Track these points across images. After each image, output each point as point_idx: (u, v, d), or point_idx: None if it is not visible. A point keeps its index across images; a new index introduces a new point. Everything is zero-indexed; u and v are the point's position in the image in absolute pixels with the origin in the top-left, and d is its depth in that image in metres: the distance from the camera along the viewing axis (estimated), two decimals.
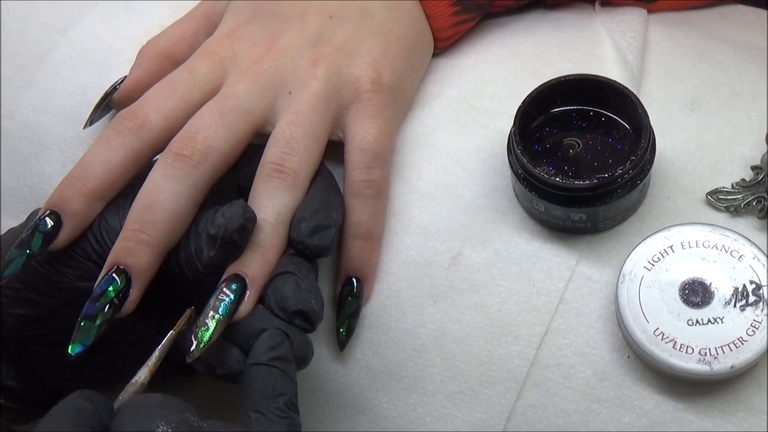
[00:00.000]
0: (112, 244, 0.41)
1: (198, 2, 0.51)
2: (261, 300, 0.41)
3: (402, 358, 0.45)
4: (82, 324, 0.40)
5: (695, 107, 0.48)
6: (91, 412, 0.35)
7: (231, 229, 0.40)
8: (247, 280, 0.41)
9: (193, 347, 0.39)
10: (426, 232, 0.46)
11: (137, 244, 0.40)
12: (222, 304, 0.40)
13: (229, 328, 0.40)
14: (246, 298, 0.40)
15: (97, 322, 0.40)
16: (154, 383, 0.48)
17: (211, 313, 0.40)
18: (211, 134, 0.43)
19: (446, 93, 0.50)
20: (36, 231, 0.41)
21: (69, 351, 0.40)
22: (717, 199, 0.45)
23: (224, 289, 0.40)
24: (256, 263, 0.41)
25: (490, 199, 0.46)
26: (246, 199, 0.43)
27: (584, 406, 0.43)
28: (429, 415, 0.45)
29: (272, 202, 0.42)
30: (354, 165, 0.45)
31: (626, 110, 0.44)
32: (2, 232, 0.47)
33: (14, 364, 0.44)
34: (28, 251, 0.41)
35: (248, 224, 0.41)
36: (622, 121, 0.45)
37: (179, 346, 0.41)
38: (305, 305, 0.40)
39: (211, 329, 0.39)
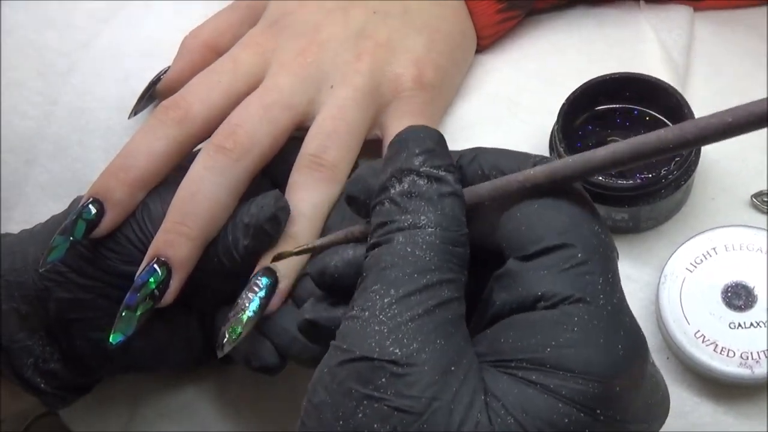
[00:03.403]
0: (155, 230, 0.42)
1: None
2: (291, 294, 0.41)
3: None
4: (123, 314, 0.40)
5: None
6: None
7: (263, 218, 0.40)
8: (278, 274, 0.41)
9: (225, 341, 0.40)
10: None
11: (178, 236, 0.41)
12: (254, 299, 0.40)
13: (262, 321, 0.40)
14: (277, 292, 0.40)
15: (138, 313, 0.40)
16: (193, 369, 0.49)
17: (242, 307, 0.40)
18: (254, 128, 0.43)
19: (486, 88, 0.49)
20: (79, 218, 0.42)
21: (110, 340, 0.40)
22: (761, 201, 0.44)
23: (256, 283, 0.40)
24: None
25: None
26: (283, 191, 0.43)
27: None
28: None
29: (309, 195, 0.42)
30: None
31: (672, 110, 0.44)
32: (2, 230, 0.48)
33: (58, 348, 0.45)
34: (71, 238, 0.41)
35: (280, 214, 0.41)
36: (666, 121, 0.44)
37: (214, 337, 0.42)
38: None
39: (242, 324, 0.40)
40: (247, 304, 0.40)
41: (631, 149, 0.30)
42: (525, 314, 0.31)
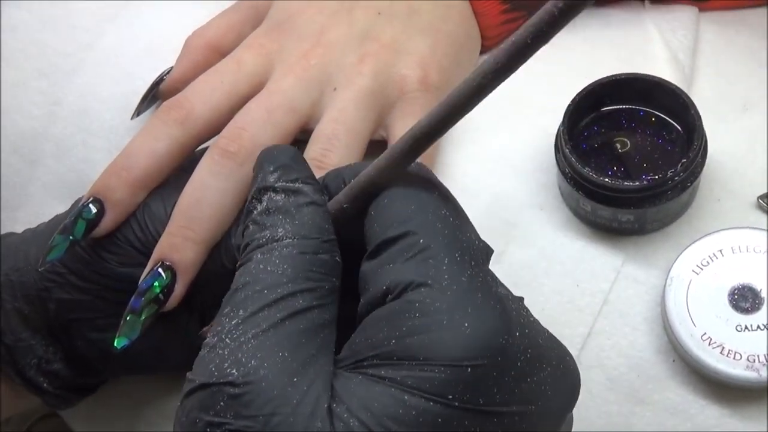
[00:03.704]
0: (155, 230, 0.42)
1: None
2: None
3: None
4: (128, 318, 0.40)
5: (747, 108, 0.47)
6: None
7: None
8: None
9: None
10: None
11: (183, 240, 0.41)
12: None
13: None
14: None
15: (143, 317, 0.40)
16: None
17: None
18: (258, 131, 0.43)
19: None
20: (79, 218, 0.42)
21: (115, 344, 0.40)
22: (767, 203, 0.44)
23: None
24: None
25: (536, 197, 0.46)
26: None
27: (627, 409, 0.42)
28: None
29: None
30: None
31: (678, 111, 0.44)
32: (2, 230, 0.48)
33: (61, 348, 0.45)
34: (71, 237, 0.41)
35: None
36: (672, 122, 0.44)
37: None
38: None
39: None
40: None
41: (445, 104, 0.30)
42: (376, 311, 0.31)
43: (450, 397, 0.28)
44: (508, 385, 0.29)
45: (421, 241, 0.31)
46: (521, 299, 0.34)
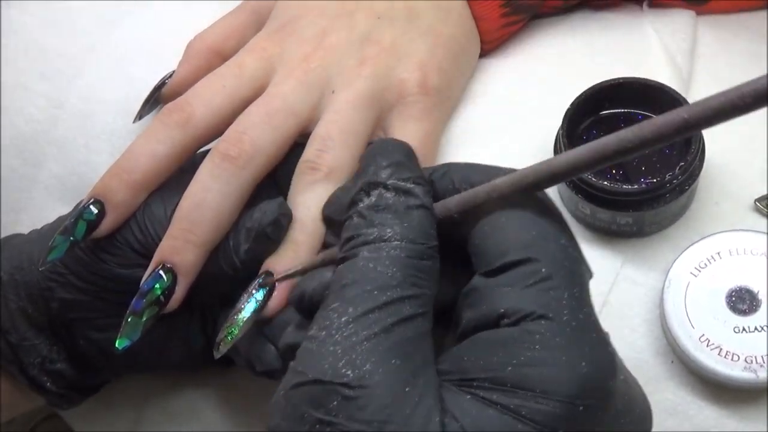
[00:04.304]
0: (155, 232, 0.42)
1: None
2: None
3: None
4: (129, 320, 0.41)
5: None
6: None
7: (265, 223, 0.41)
8: (276, 276, 0.41)
9: (221, 342, 0.40)
10: None
11: (184, 243, 0.41)
12: (250, 301, 0.40)
13: (264, 325, 0.40)
14: (274, 295, 0.40)
15: (144, 318, 0.41)
16: (197, 371, 0.49)
17: (239, 309, 0.40)
18: (259, 135, 0.43)
19: (492, 91, 0.50)
20: (80, 219, 0.42)
21: (117, 345, 0.41)
22: (765, 206, 0.44)
23: (255, 286, 0.41)
24: (288, 259, 0.41)
25: None
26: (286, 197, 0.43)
27: None
28: None
29: (304, 198, 0.42)
30: None
31: None
32: (5, 232, 0.48)
33: (64, 347, 0.45)
34: (71, 238, 0.42)
35: (282, 219, 0.41)
36: None
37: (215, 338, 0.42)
38: None
39: (238, 326, 0.40)
40: (243, 306, 0.40)
41: (591, 152, 0.30)
42: (488, 332, 0.30)
43: (560, 431, 0.29)
44: (609, 426, 0.30)
45: (543, 270, 0.30)
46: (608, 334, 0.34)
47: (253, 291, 0.40)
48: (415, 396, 0.29)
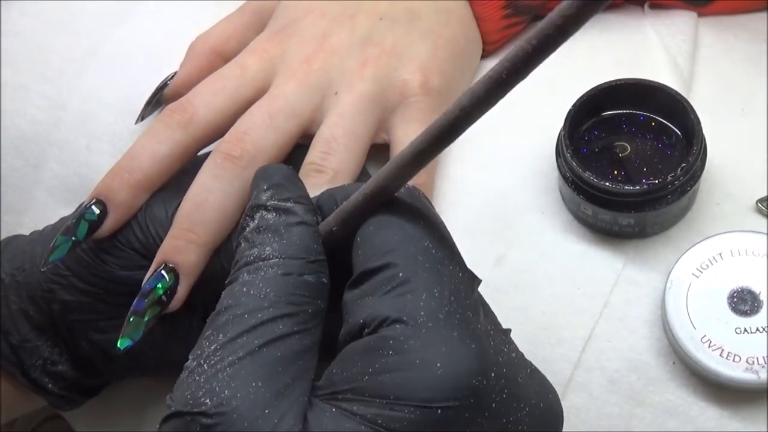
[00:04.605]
0: (157, 233, 0.42)
1: None
2: None
3: None
4: (131, 320, 0.41)
5: (746, 113, 0.47)
6: None
7: None
8: None
9: None
10: (471, 232, 0.46)
11: (186, 243, 0.41)
12: None
13: None
14: None
15: (146, 318, 0.41)
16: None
17: None
18: (260, 135, 0.43)
19: None
20: (82, 219, 0.42)
21: (118, 345, 0.41)
22: (766, 207, 0.44)
23: None
24: None
25: (537, 201, 0.46)
26: None
27: (627, 411, 0.43)
28: None
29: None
30: None
31: (677, 116, 0.44)
32: (7, 234, 0.48)
33: (66, 349, 0.45)
34: (73, 238, 0.42)
35: None
36: (672, 127, 0.45)
37: None
38: None
39: None
40: None
41: (428, 135, 0.31)
42: (352, 344, 0.30)
43: None
44: (481, 426, 0.29)
45: (401, 274, 0.30)
46: (507, 332, 0.33)
47: None
48: (274, 417, 0.29)
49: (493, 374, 0.29)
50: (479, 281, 0.33)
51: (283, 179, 0.35)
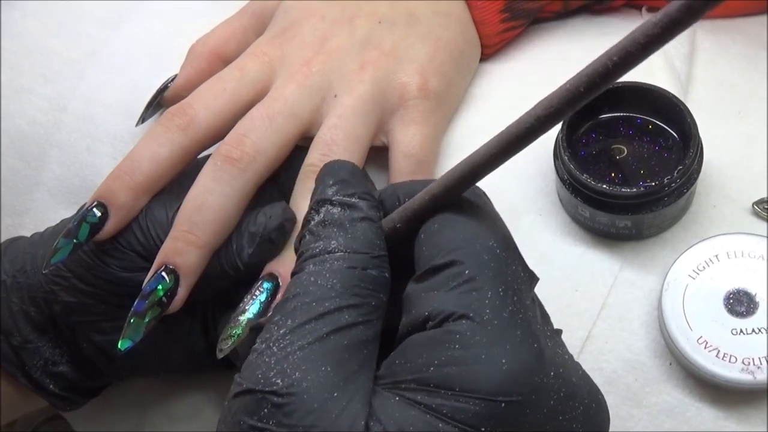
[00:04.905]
0: (158, 235, 0.43)
1: (248, 1, 0.51)
2: None
3: None
4: (131, 321, 0.41)
5: (742, 116, 0.48)
6: None
7: (270, 228, 0.41)
8: (280, 279, 0.41)
9: (223, 343, 0.40)
10: None
11: (186, 244, 0.41)
12: (254, 302, 0.41)
13: (258, 332, 0.41)
14: (278, 297, 0.41)
15: (146, 320, 0.41)
16: (199, 373, 0.49)
17: (243, 310, 0.41)
18: (260, 138, 0.43)
19: (492, 96, 0.50)
20: (83, 221, 0.42)
21: (119, 346, 0.41)
22: (763, 209, 0.45)
23: (258, 288, 0.41)
24: (291, 262, 0.41)
25: (534, 203, 0.47)
26: (288, 200, 0.44)
27: (625, 411, 0.43)
28: None
29: (308, 203, 0.43)
30: (398, 171, 0.45)
31: (674, 118, 0.44)
32: (8, 235, 0.49)
33: (67, 350, 0.45)
34: (75, 241, 0.42)
35: (287, 224, 0.42)
36: (669, 129, 0.45)
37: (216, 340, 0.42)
38: None
39: (241, 327, 0.40)
40: (247, 308, 0.40)
41: (501, 141, 0.32)
42: (415, 335, 0.31)
43: (482, 429, 0.29)
44: (540, 422, 0.30)
45: (467, 272, 0.31)
46: (559, 333, 0.34)
47: (257, 293, 0.41)
48: (342, 401, 0.30)
49: (552, 373, 0.31)
50: (537, 279, 0.34)
51: (348, 175, 0.36)
